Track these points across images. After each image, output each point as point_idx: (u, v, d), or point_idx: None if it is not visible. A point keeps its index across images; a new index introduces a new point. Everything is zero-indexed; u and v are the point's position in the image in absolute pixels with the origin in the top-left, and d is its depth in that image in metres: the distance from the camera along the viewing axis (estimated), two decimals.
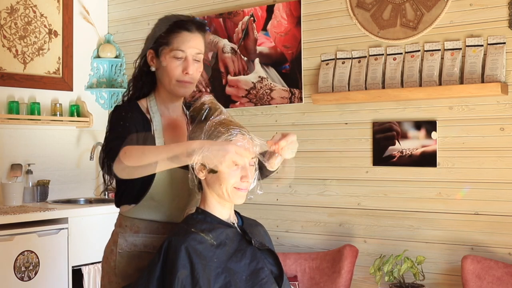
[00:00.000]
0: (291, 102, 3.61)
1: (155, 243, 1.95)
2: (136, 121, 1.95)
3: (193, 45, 2.00)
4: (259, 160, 1.87)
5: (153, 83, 2.06)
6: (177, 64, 1.98)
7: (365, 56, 3.33)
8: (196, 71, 2.01)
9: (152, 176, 1.90)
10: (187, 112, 2.09)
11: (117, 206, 2.07)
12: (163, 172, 1.89)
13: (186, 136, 2.00)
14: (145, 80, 2.06)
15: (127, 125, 1.92)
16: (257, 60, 3.75)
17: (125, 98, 2.09)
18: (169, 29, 2.00)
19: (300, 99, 3.57)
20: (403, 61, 3.21)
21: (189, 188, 1.93)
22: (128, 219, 2.00)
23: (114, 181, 1.96)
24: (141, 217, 1.98)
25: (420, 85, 3.13)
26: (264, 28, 3.71)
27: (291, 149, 1.89)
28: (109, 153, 1.82)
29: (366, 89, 3.29)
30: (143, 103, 2.04)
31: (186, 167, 1.85)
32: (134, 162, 1.74)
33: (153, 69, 2.02)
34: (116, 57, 4.40)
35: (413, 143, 3.20)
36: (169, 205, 1.98)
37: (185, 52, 1.98)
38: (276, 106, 3.68)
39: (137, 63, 2.09)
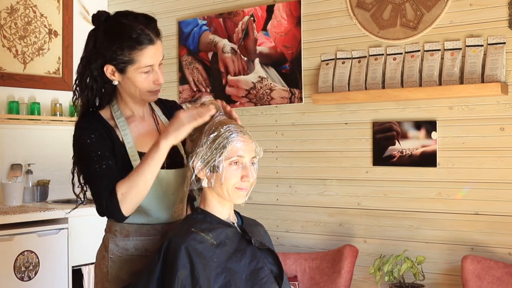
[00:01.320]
0: (291, 102, 3.61)
1: (146, 246, 1.93)
2: (102, 139, 1.89)
3: (158, 55, 1.91)
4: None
5: (113, 91, 1.97)
6: (145, 76, 1.90)
7: (365, 56, 3.33)
8: (162, 75, 1.95)
9: None
10: (153, 107, 2.08)
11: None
12: None
13: (155, 126, 2.02)
14: (105, 92, 1.96)
15: (99, 154, 1.85)
16: (257, 60, 3.75)
17: (83, 109, 1.97)
18: (130, 46, 1.86)
19: (300, 99, 3.57)
20: (403, 61, 3.21)
21: (173, 186, 1.95)
22: (117, 224, 1.94)
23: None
24: (130, 221, 1.92)
25: (420, 85, 3.13)
26: (264, 28, 3.71)
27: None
28: (103, 200, 1.80)
29: (366, 89, 3.29)
30: (105, 111, 1.97)
31: (167, 167, 1.91)
32: (136, 193, 1.79)
33: (115, 83, 1.93)
34: None
35: (413, 143, 3.20)
36: (156, 206, 1.94)
37: (153, 65, 1.90)
38: (276, 106, 3.68)
39: (85, 72, 1.93)
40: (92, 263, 3.64)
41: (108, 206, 1.79)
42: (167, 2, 4.17)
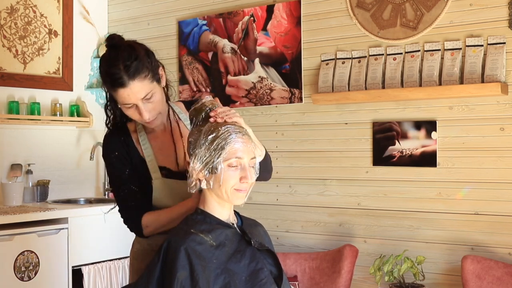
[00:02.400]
0: (291, 102, 3.61)
1: None
2: (122, 158, 2.03)
3: (133, 96, 1.91)
4: None
5: None
6: (131, 111, 1.95)
7: (365, 56, 3.33)
8: (151, 111, 1.96)
9: (150, 191, 2.04)
10: (178, 114, 2.14)
11: None
12: (161, 187, 2.03)
13: (172, 140, 2.08)
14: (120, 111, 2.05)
15: (120, 176, 2.03)
16: (257, 60, 3.75)
17: (109, 124, 2.10)
18: (107, 84, 1.94)
19: (300, 99, 3.57)
20: (403, 61, 3.21)
21: (190, 196, 2.00)
22: None
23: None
24: None
25: (420, 85, 3.13)
26: (264, 28, 3.71)
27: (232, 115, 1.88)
28: (129, 225, 2.04)
29: (366, 89, 3.29)
30: (132, 123, 2.08)
31: (184, 177, 1.97)
32: (159, 229, 1.99)
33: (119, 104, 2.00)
34: None
35: (413, 143, 3.20)
36: None
37: (131, 103, 1.93)
38: (276, 106, 3.68)
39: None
40: (92, 263, 3.67)
41: (132, 229, 2.03)
42: (167, 2, 4.17)
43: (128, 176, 2.02)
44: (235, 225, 1.87)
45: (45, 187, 4.00)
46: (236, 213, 1.93)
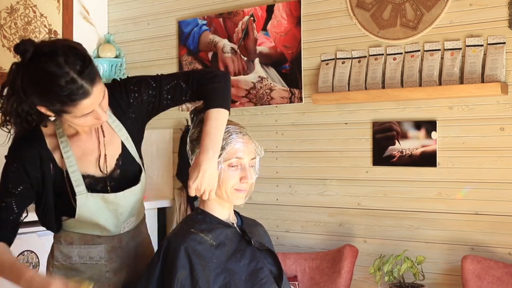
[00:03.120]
0: (291, 102, 3.61)
1: (91, 254, 1.91)
2: (23, 172, 1.75)
3: (95, 103, 1.64)
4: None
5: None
6: (87, 119, 1.67)
7: (365, 56, 3.33)
8: (105, 108, 1.71)
9: (68, 207, 1.83)
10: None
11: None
12: (85, 203, 1.81)
13: (98, 142, 1.85)
14: (44, 118, 1.75)
15: (5, 189, 1.76)
16: (257, 60, 3.75)
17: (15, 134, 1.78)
18: (61, 102, 1.60)
19: (300, 99, 3.57)
20: (403, 61, 3.21)
21: (122, 206, 1.87)
22: (62, 231, 1.93)
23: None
24: (74, 231, 1.91)
25: (420, 85, 3.13)
26: (264, 28, 3.71)
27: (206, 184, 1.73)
28: None
29: (366, 89, 3.29)
30: (47, 129, 1.80)
31: (121, 189, 1.83)
32: None
33: (52, 119, 1.74)
34: (116, 57, 4.40)
35: (413, 143, 3.20)
36: (102, 224, 1.89)
37: (91, 110, 1.66)
38: (276, 106, 3.68)
39: (16, 108, 1.69)
40: None
41: None
42: (167, 2, 4.17)
43: (18, 193, 1.76)
44: (235, 225, 1.87)
45: None
46: (236, 213, 1.93)
